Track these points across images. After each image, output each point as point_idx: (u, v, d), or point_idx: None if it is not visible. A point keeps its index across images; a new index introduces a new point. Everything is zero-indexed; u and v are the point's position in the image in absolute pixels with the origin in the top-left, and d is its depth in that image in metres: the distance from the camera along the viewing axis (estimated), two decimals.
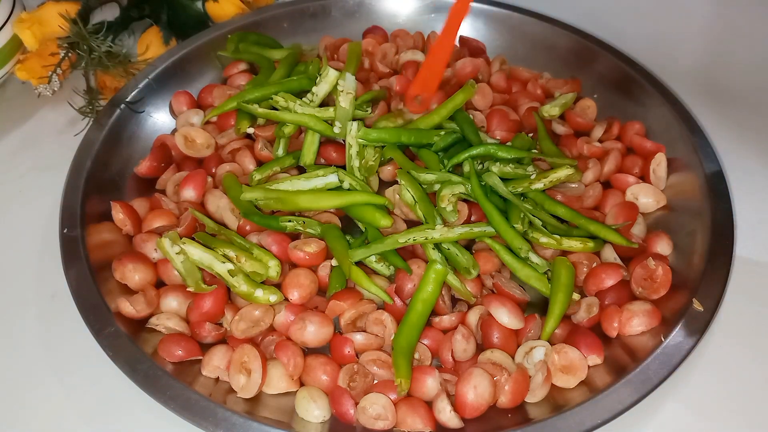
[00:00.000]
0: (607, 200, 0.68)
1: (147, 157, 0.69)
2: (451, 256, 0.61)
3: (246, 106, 0.70)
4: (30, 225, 0.69)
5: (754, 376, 0.59)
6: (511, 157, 0.66)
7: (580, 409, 0.50)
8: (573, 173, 0.65)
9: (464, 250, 0.61)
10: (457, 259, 0.60)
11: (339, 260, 0.59)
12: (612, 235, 0.62)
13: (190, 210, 0.62)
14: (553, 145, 0.71)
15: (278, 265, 0.59)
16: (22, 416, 0.55)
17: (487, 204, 0.62)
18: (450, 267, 0.59)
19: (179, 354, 0.54)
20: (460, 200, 0.65)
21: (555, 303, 0.57)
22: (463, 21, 0.78)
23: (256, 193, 0.62)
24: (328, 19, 0.87)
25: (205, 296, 0.57)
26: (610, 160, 0.70)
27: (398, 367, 0.52)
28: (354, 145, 0.66)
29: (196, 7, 0.88)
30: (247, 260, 0.58)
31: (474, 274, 0.59)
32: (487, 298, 0.57)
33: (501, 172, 0.66)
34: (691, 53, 0.93)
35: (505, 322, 0.55)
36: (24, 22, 0.78)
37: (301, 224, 0.62)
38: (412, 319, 0.55)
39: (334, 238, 0.60)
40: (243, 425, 0.49)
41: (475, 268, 0.60)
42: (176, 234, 0.58)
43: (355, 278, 0.58)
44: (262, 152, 0.70)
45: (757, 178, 0.75)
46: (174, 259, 0.58)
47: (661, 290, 0.59)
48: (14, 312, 0.62)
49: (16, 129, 0.80)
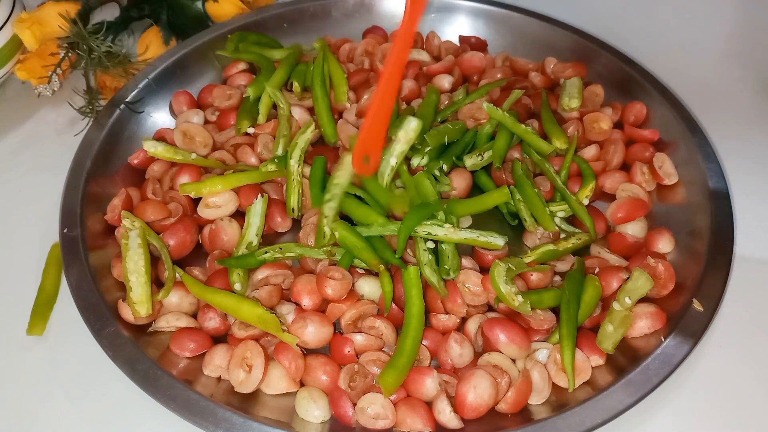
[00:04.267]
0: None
1: (142, 148, 0.69)
2: (441, 253, 0.61)
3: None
4: (30, 225, 0.69)
5: (755, 375, 0.58)
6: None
7: (580, 409, 0.50)
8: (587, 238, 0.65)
9: (456, 253, 0.61)
10: (444, 258, 0.60)
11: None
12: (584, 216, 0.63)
13: (182, 275, 0.59)
14: (551, 114, 0.72)
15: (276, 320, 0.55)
16: (22, 416, 0.55)
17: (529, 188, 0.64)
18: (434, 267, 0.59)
19: (192, 347, 0.55)
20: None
21: (571, 323, 0.55)
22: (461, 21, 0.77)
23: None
24: (328, 19, 0.87)
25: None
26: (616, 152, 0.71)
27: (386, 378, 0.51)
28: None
29: (196, 7, 0.88)
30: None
31: (452, 276, 0.59)
32: (488, 324, 0.55)
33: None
34: (691, 53, 0.93)
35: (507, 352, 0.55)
36: (24, 22, 0.78)
37: (278, 251, 0.60)
38: (410, 336, 0.54)
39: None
40: (243, 425, 0.49)
41: (455, 272, 0.59)
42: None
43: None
44: (262, 155, 0.70)
45: (757, 178, 0.75)
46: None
47: (669, 285, 0.59)
48: (14, 312, 0.62)
49: (16, 129, 0.80)
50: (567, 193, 0.65)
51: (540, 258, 0.60)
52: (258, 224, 0.63)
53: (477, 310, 0.59)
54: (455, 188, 0.67)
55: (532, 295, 0.57)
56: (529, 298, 0.56)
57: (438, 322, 0.58)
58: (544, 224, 0.63)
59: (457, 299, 0.58)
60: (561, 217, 0.66)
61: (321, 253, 0.60)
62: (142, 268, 0.57)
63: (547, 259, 0.61)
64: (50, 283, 0.63)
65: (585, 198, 0.66)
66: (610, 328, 0.56)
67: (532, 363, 0.54)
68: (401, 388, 0.53)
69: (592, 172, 0.68)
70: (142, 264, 0.58)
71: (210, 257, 0.62)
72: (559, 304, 0.57)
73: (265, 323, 0.54)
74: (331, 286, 0.56)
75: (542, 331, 0.56)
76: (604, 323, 0.56)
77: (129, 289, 0.56)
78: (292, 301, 0.59)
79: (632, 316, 0.56)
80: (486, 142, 0.71)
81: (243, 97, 0.76)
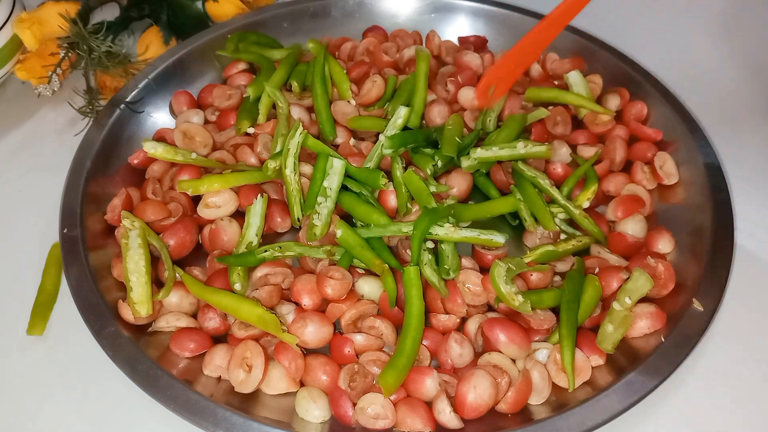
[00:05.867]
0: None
1: (142, 148, 0.68)
2: (441, 252, 0.61)
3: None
4: (30, 225, 0.69)
5: (755, 375, 0.58)
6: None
7: (580, 409, 0.50)
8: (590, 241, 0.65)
9: (455, 253, 0.61)
10: (444, 258, 0.60)
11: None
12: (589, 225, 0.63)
13: (182, 275, 0.60)
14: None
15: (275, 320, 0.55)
16: (22, 416, 0.55)
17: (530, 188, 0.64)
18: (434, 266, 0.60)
19: (192, 347, 0.55)
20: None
21: (571, 324, 0.55)
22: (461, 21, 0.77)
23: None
24: (328, 19, 0.87)
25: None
26: (618, 148, 0.71)
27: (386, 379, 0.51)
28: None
29: (196, 7, 0.88)
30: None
31: (452, 276, 0.59)
32: (488, 324, 0.55)
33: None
34: (691, 53, 0.93)
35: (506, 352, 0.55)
36: (24, 22, 0.78)
37: (278, 249, 0.60)
38: (410, 336, 0.54)
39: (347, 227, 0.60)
40: (243, 425, 0.49)
41: (455, 272, 0.59)
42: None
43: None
44: (261, 155, 0.70)
45: (757, 177, 0.75)
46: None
47: (669, 285, 0.59)
48: (14, 312, 0.62)
49: (16, 129, 0.80)
50: (570, 209, 0.65)
51: (539, 258, 0.60)
52: (258, 224, 0.63)
53: (477, 310, 0.59)
54: (453, 186, 0.68)
55: (532, 295, 0.57)
56: (529, 298, 0.56)
57: (438, 322, 0.58)
58: (544, 224, 0.63)
59: (457, 299, 0.58)
60: (561, 218, 0.66)
61: (321, 253, 0.60)
62: (142, 268, 0.57)
63: (546, 259, 0.61)
64: (50, 283, 0.63)
65: (586, 200, 0.66)
66: (610, 328, 0.56)
67: (532, 363, 0.54)
68: (401, 388, 0.53)
69: (596, 175, 0.68)
70: (142, 264, 0.58)
71: (210, 257, 0.62)
72: (559, 304, 0.57)
73: (265, 323, 0.54)
74: (331, 285, 0.57)
75: (542, 331, 0.56)
76: (604, 323, 0.56)
77: (129, 289, 0.56)
78: (292, 301, 0.59)
79: (632, 316, 0.56)
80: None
81: (243, 97, 0.76)
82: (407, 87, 0.75)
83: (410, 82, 0.76)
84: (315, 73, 0.76)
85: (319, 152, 0.66)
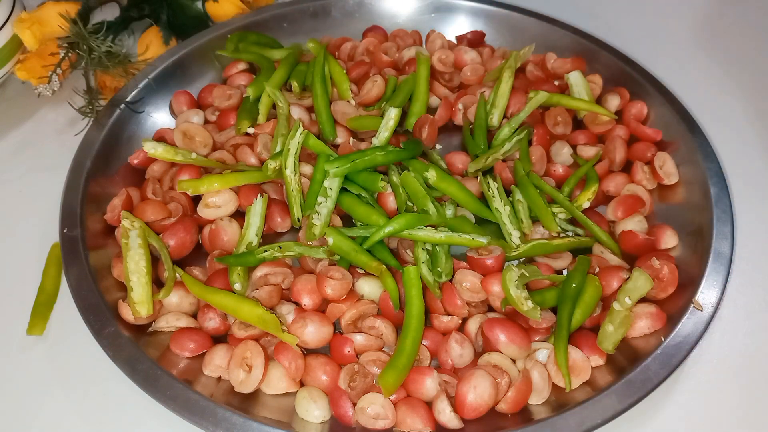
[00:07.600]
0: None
1: (142, 148, 0.68)
2: (435, 255, 0.61)
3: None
4: (30, 225, 0.69)
5: (754, 375, 0.58)
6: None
7: (580, 409, 0.50)
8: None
9: (449, 257, 0.61)
10: (438, 261, 0.60)
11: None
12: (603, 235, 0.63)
13: (182, 275, 0.59)
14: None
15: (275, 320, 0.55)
16: (22, 416, 0.55)
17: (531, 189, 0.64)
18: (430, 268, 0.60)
19: (192, 347, 0.55)
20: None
21: (567, 322, 0.55)
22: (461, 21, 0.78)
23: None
24: (328, 19, 0.87)
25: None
26: (618, 148, 0.71)
27: (386, 379, 0.51)
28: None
29: (196, 7, 0.88)
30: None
31: (445, 279, 0.59)
32: (488, 324, 0.55)
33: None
34: (691, 53, 0.93)
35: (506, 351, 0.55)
36: (24, 22, 0.78)
37: (278, 249, 0.60)
38: (410, 336, 0.54)
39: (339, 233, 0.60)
40: (243, 425, 0.49)
41: (448, 276, 0.59)
42: None
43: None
44: (261, 155, 0.70)
45: (757, 178, 0.75)
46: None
47: (669, 288, 0.59)
48: (14, 312, 0.62)
49: (16, 129, 0.80)
50: (577, 212, 0.65)
51: (529, 252, 0.61)
52: (258, 224, 0.63)
53: (477, 310, 0.59)
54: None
55: (536, 295, 0.57)
56: (533, 298, 0.56)
57: (440, 323, 0.58)
58: (546, 224, 0.63)
59: (458, 301, 0.58)
60: (562, 218, 0.66)
61: (321, 253, 0.60)
62: (143, 268, 0.57)
63: (537, 253, 0.61)
64: (50, 282, 0.63)
65: (587, 201, 0.66)
66: (610, 328, 0.56)
67: (532, 363, 0.54)
68: (401, 388, 0.53)
69: (596, 175, 0.68)
70: (143, 264, 0.58)
71: (210, 257, 0.62)
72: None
73: (265, 323, 0.54)
74: (331, 285, 0.57)
75: (542, 330, 0.56)
76: (605, 323, 0.56)
77: (130, 289, 0.56)
78: (292, 301, 0.59)
79: (632, 316, 0.56)
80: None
81: (243, 97, 0.76)
82: (405, 88, 0.75)
83: (409, 82, 0.76)
84: (315, 73, 0.76)
85: (319, 152, 0.66)
